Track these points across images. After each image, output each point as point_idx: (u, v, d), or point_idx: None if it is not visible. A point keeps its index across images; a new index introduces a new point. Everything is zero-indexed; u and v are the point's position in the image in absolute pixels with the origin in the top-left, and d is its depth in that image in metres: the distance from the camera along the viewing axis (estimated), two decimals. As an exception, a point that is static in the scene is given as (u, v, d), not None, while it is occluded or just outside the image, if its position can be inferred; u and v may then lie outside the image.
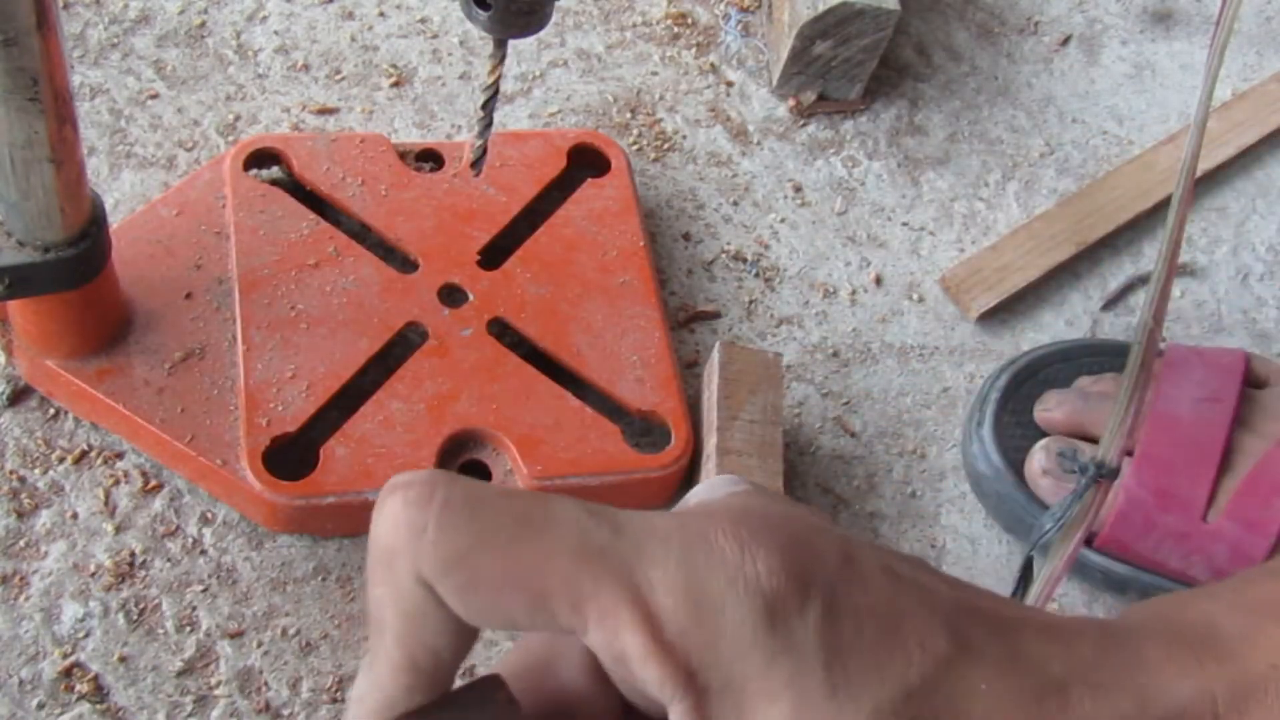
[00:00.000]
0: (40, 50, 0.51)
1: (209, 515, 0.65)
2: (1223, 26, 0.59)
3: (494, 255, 0.72)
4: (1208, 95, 0.64)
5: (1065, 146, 0.87)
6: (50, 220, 0.58)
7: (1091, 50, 0.93)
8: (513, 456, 0.65)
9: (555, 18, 0.63)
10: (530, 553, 0.31)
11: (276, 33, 0.82)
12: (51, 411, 0.66)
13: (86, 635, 0.61)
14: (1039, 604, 0.54)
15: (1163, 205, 0.83)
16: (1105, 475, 0.55)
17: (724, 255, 0.78)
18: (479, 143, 0.61)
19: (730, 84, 0.85)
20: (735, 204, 0.80)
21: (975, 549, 0.70)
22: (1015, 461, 0.68)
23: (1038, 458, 0.67)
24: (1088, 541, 0.66)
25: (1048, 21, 0.93)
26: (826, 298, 0.77)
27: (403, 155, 0.75)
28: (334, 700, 0.61)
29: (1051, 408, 0.68)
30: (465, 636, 0.33)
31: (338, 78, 0.81)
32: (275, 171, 0.73)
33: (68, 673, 0.60)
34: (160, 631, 0.62)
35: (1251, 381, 0.69)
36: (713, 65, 0.86)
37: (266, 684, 0.61)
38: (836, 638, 0.32)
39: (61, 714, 0.59)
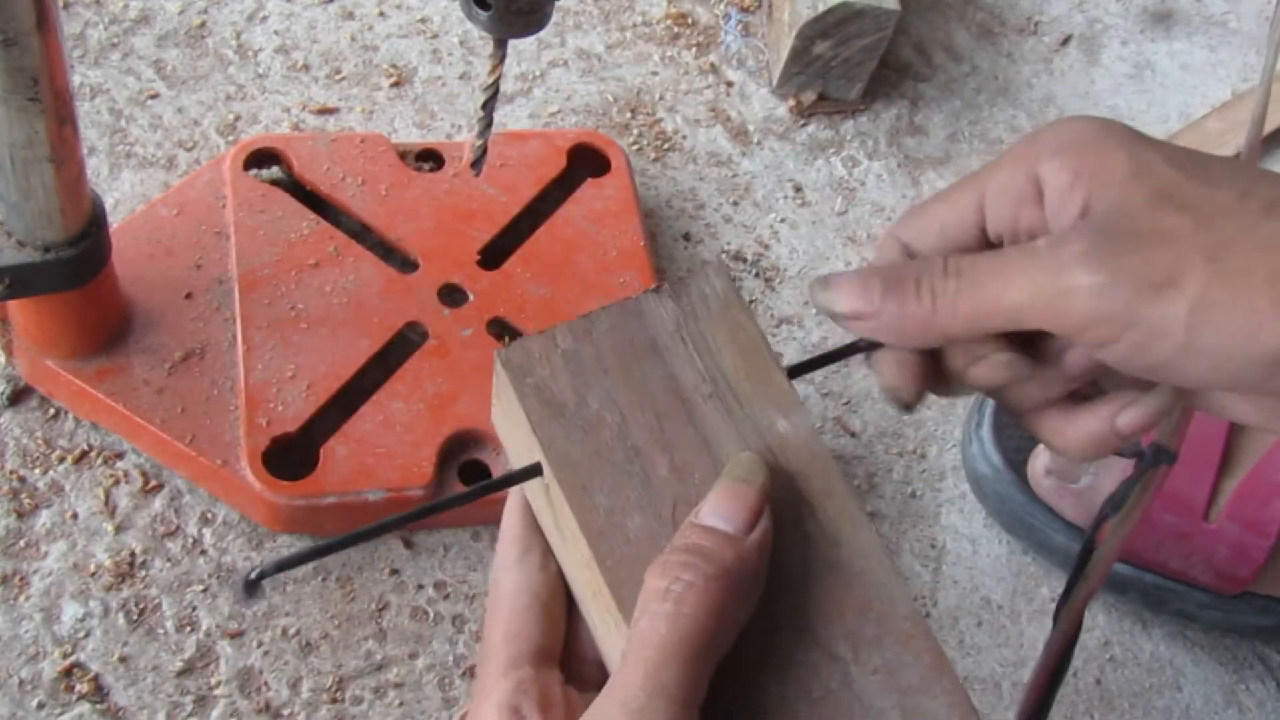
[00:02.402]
0: (40, 50, 0.51)
1: (209, 515, 0.65)
2: (1276, 25, 0.59)
3: (494, 255, 0.72)
4: (1265, 90, 0.64)
5: (1065, 146, 0.87)
6: (50, 220, 0.58)
7: (1092, 50, 0.93)
8: (513, 456, 0.65)
9: (555, 18, 0.63)
10: None
11: (276, 33, 0.82)
12: (51, 411, 0.66)
13: (86, 635, 0.61)
14: (1089, 589, 0.54)
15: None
16: (1164, 460, 0.56)
17: (724, 255, 0.78)
18: (479, 143, 0.61)
19: (730, 84, 0.85)
20: (735, 204, 0.80)
21: (975, 549, 0.70)
22: (1015, 462, 0.68)
23: (1041, 458, 0.67)
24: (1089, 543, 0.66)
25: (1048, 21, 0.93)
26: (826, 298, 0.77)
27: (403, 155, 0.75)
28: (334, 700, 0.61)
29: None
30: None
31: (338, 78, 0.81)
32: (275, 171, 0.73)
33: (68, 673, 0.60)
34: (160, 631, 0.62)
35: (1251, 381, 0.69)
36: (713, 65, 0.86)
37: (266, 684, 0.61)
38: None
39: (61, 714, 0.59)
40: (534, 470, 0.45)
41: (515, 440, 0.46)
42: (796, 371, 0.47)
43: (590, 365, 0.45)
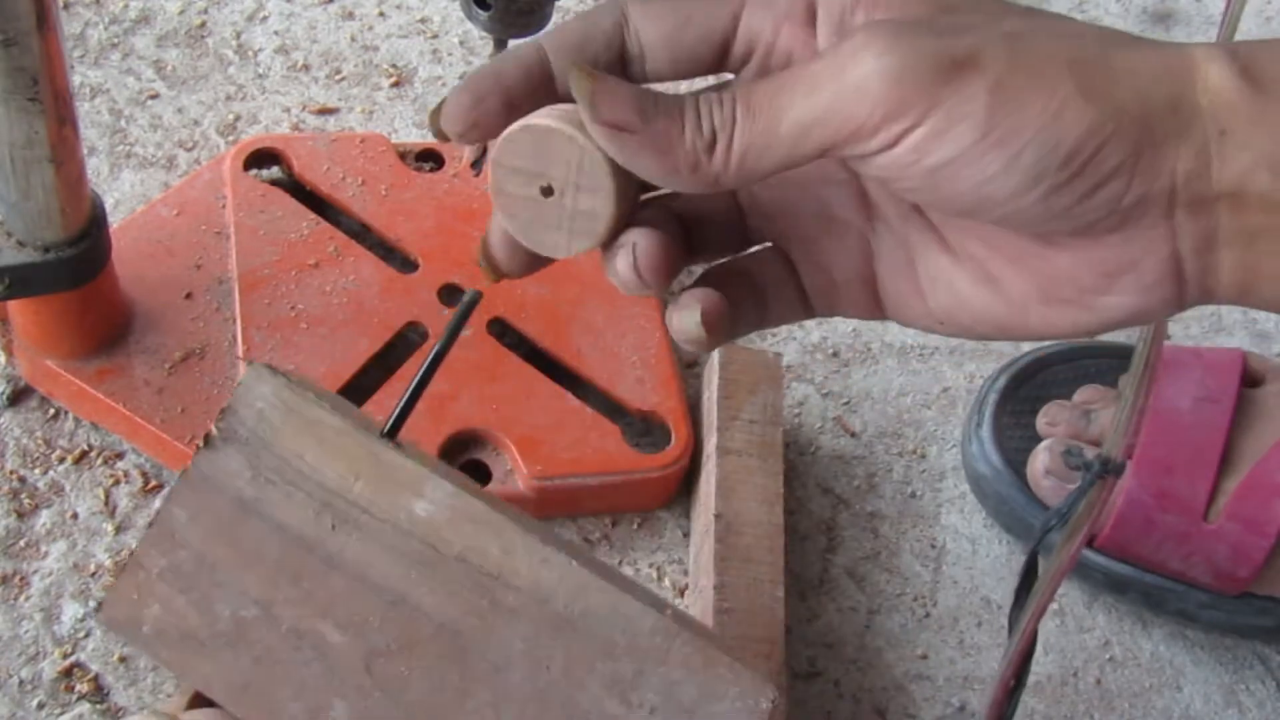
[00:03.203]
0: (40, 50, 0.51)
1: (209, 515, 0.65)
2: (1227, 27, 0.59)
3: (494, 255, 0.72)
4: None
5: (1065, 146, 0.87)
6: (50, 220, 0.58)
7: (1091, 50, 0.93)
8: (513, 456, 0.65)
9: (555, 17, 0.63)
10: None
11: (276, 33, 0.82)
12: (51, 411, 0.66)
13: (86, 635, 0.61)
14: (1041, 604, 0.54)
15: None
16: (1110, 472, 0.55)
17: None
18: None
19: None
20: (735, 204, 0.80)
21: (975, 549, 0.70)
22: (1015, 462, 0.68)
23: (1041, 458, 0.67)
24: (1089, 542, 0.66)
25: (1048, 21, 0.93)
26: (826, 298, 0.77)
27: (403, 155, 0.75)
28: None
29: (1054, 421, 0.68)
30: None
31: (338, 78, 0.81)
32: (275, 171, 0.74)
33: (68, 673, 0.60)
34: (160, 631, 0.62)
35: (1248, 380, 0.69)
36: (713, 65, 0.86)
37: (266, 684, 0.61)
38: None
39: (61, 714, 0.59)
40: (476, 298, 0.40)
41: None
42: (401, 421, 0.41)
43: (196, 571, 0.38)
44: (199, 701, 0.39)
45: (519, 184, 0.40)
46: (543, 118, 0.39)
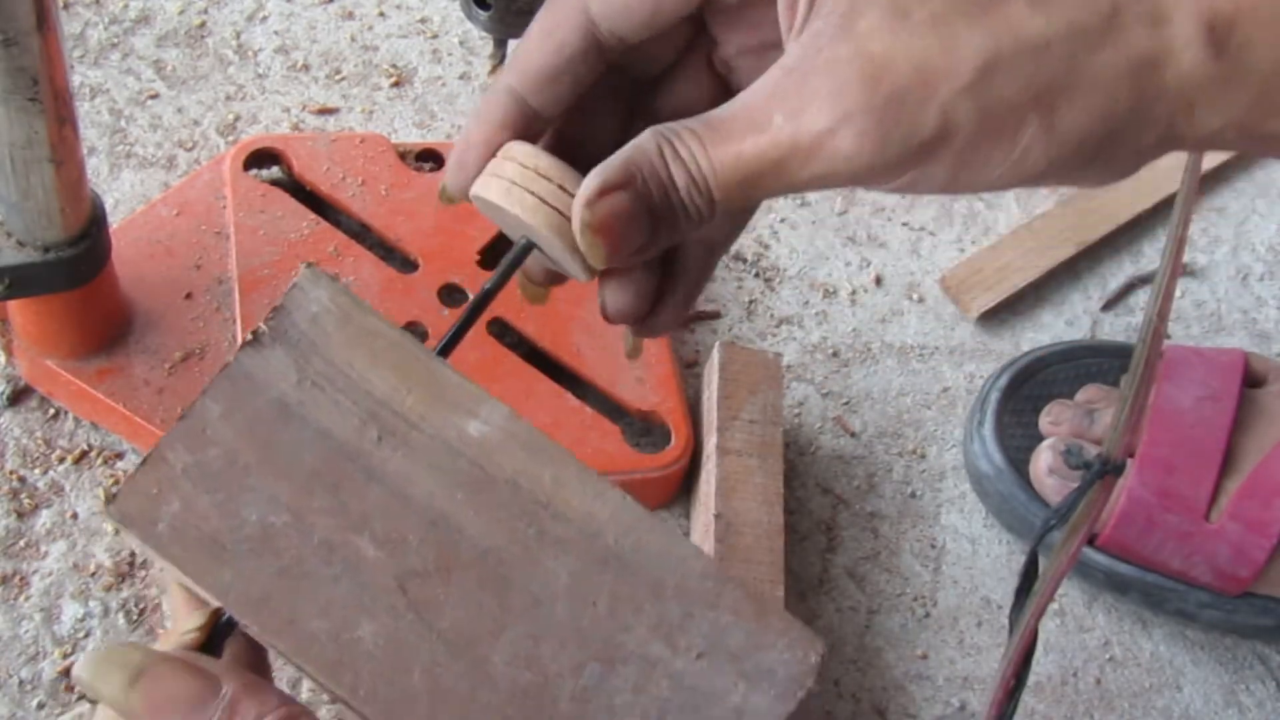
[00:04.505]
0: (40, 50, 0.51)
1: (209, 515, 0.65)
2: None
3: (494, 255, 0.72)
4: None
5: (1065, 146, 0.87)
6: (50, 220, 0.58)
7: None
8: (513, 456, 0.65)
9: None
10: None
11: (276, 33, 0.82)
12: (51, 411, 0.66)
13: (86, 635, 0.61)
14: (1041, 603, 0.54)
15: (1163, 205, 0.83)
16: (1110, 471, 0.55)
17: (724, 255, 0.78)
18: (479, 143, 0.61)
19: (730, 84, 0.85)
20: (735, 204, 0.80)
21: (975, 549, 0.70)
22: (1017, 461, 0.68)
23: (1044, 457, 0.67)
24: (1090, 541, 0.66)
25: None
26: (826, 298, 0.77)
27: (403, 155, 0.75)
28: (334, 700, 0.61)
29: (1057, 420, 0.68)
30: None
31: (338, 78, 0.81)
32: (275, 171, 0.73)
33: (68, 673, 0.60)
34: (160, 631, 0.61)
35: (1250, 380, 0.69)
36: (713, 65, 0.86)
37: (267, 684, 0.61)
38: None
39: (61, 714, 0.59)
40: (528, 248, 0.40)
41: (191, 597, 0.38)
42: (452, 345, 0.39)
43: (224, 471, 0.36)
44: (210, 640, 0.38)
45: (509, 229, 0.41)
46: (493, 189, 0.39)
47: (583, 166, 0.39)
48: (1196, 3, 0.35)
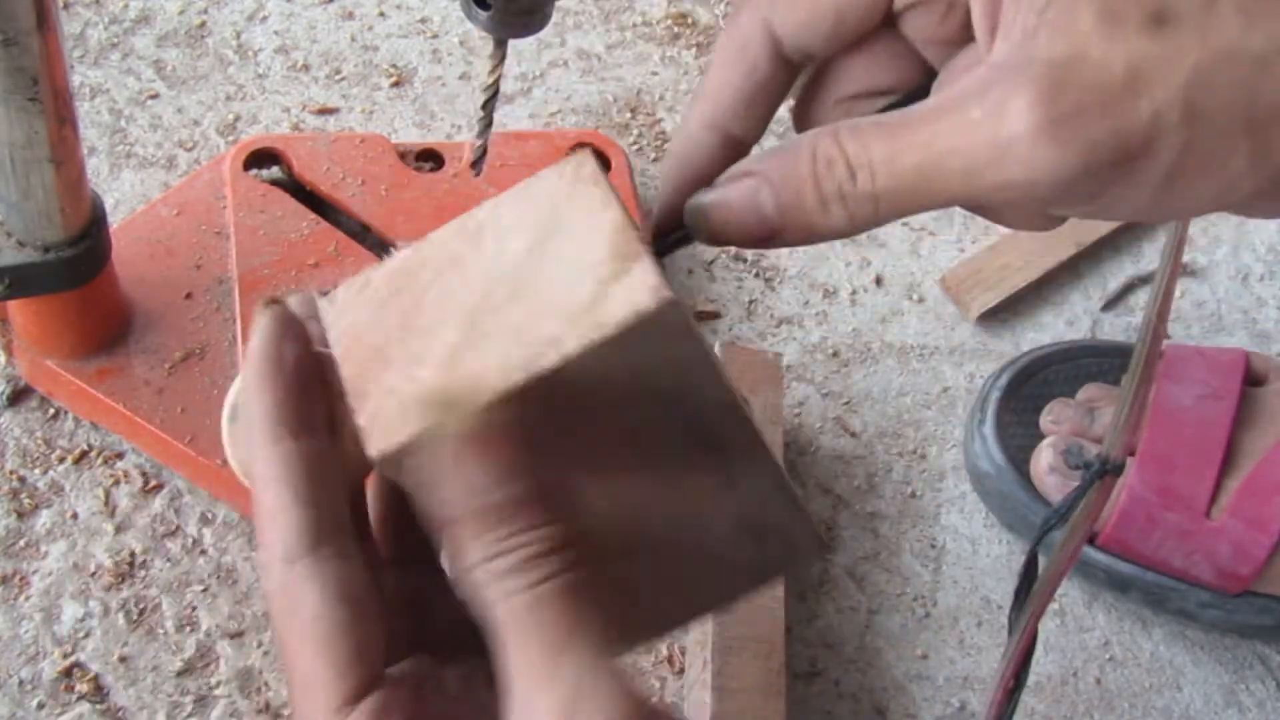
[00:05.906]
0: (40, 50, 0.51)
1: (209, 515, 0.65)
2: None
3: (494, 255, 0.72)
4: None
5: (1065, 146, 0.87)
6: (50, 220, 0.58)
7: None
8: (513, 456, 0.65)
9: (555, 18, 0.63)
10: None
11: (276, 33, 0.82)
12: (51, 411, 0.66)
13: (86, 635, 0.61)
14: (1041, 603, 0.54)
15: (1163, 205, 0.82)
16: (1110, 471, 0.55)
17: (724, 255, 0.78)
18: (479, 143, 0.61)
19: (730, 84, 0.85)
20: (735, 204, 0.80)
21: (975, 549, 0.70)
22: (1018, 460, 0.68)
23: (1045, 456, 0.67)
24: (1090, 540, 0.66)
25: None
26: (826, 298, 0.77)
27: (403, 155, 0.75)
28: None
29: (1059, 419, 0.68)
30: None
31: (338, 78, 0.81)
32: (275, 171, 0.73)
33: (68, 673, 0.60)
34: (160, 631, 0.61)
35: (1251, 379, 0.69)
36: (713, 65, 0.86)
37: (266, 684, 0.61)
38: None
39: (61, 714, 0.59)
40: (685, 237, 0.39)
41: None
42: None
43: None
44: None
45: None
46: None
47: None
48: None
